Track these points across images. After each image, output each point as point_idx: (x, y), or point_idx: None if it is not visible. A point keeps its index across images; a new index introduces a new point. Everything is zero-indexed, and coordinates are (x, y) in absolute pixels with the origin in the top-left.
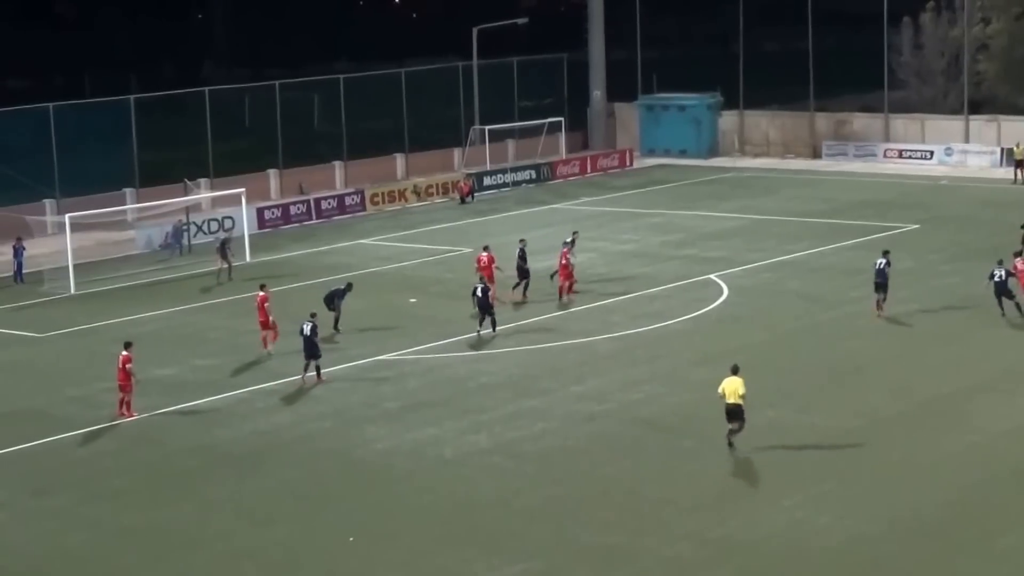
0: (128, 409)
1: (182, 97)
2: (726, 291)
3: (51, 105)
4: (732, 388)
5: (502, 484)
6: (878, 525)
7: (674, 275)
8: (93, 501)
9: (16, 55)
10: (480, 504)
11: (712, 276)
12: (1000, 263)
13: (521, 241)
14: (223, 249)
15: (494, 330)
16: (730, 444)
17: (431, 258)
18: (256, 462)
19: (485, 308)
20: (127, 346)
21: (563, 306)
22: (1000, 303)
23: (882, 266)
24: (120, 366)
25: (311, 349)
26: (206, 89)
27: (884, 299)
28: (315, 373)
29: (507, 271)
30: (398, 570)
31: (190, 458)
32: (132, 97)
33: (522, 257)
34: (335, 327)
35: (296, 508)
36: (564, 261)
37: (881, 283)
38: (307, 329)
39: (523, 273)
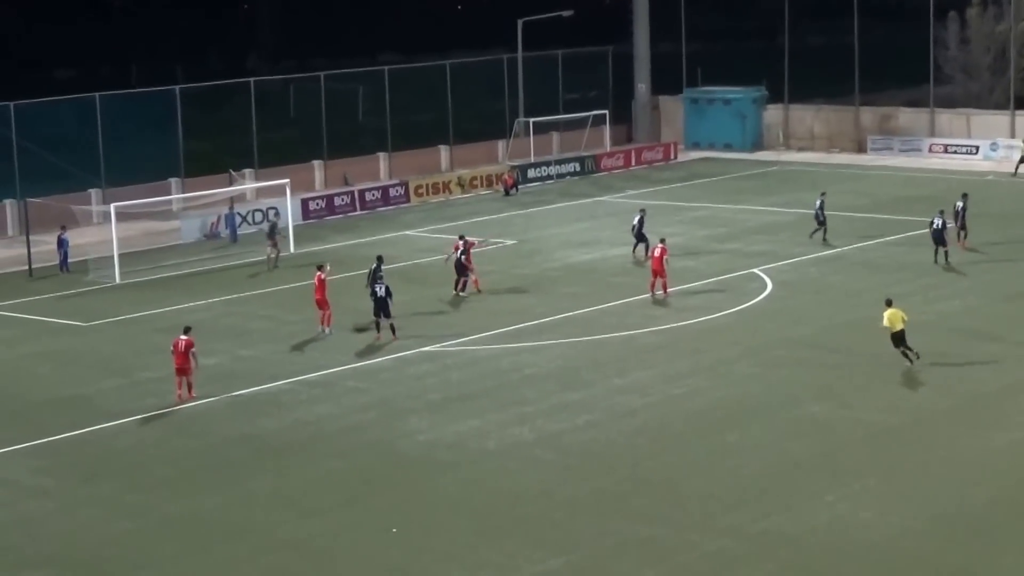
0: (191, 391)
1: (228, 88)
2: (770, 285)
3: (98, 95)
4: (898, 317)
5: (545, 476)
6: (921, 521)
7: (718, 269)
8: (138, 490)
9: (63, 45)
10: (523, 496)
11: (756, 270)
12: (941, 212)
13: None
14: (272, 235)
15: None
16: (913, 358)
17: (475, 250)
18: (300, 452)
19: (460, 271)
20: (187, 330)
21: (658, 301)
22: (936, 250)
23: (938, 226)
24: (182, 350)
25: (384, 308)
26: (251, 80)
27: (965, 236)
28: (390, 331)
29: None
30: (440, 561)
31: (234, 448)
32: (178, 87)
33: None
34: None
35: (339, 499)
36: (658, 254)
37: (938, 240)
38: (381, 291)
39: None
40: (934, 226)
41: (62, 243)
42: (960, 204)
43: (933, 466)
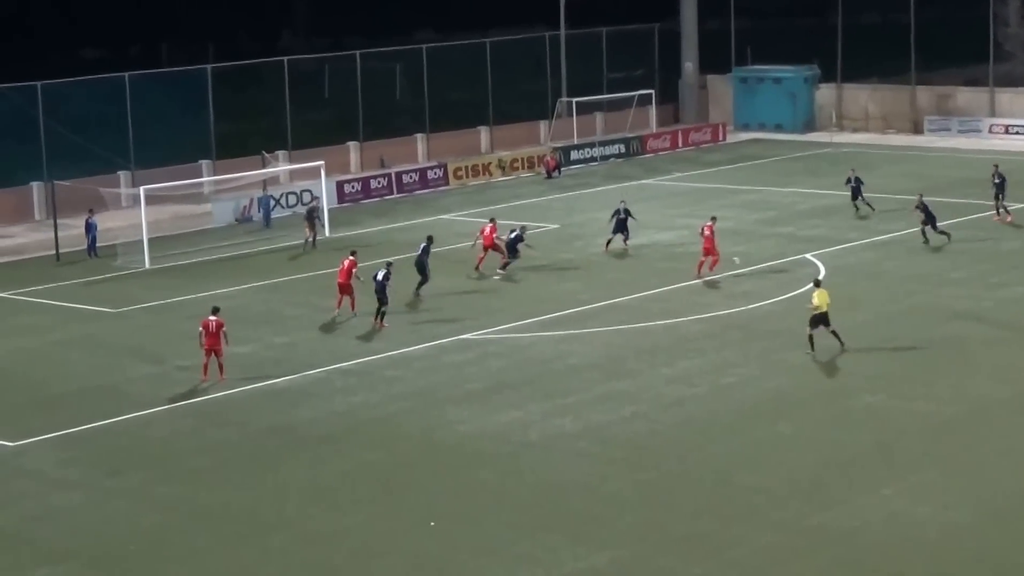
0: (222, 372)
1: (260, 67)
2: (823, 271)
3: (127, 75)
4: (825, 299)
5: (589, 469)
6: (980, 516)
7: (768, 254)
8: (168, 481)
9: (92, 24)
10: (566, 489)
11: (808, 255)
12: (853, 170)
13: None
14: (311, 217)
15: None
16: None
17: (516, 235)
18: (335, 443)
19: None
20: (215, 311)
21: (710, 284)
22: (855, 205)
23: (998, 181)
24: (214, 331)
25: (379, 295)
26: (285, 59)
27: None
28: (379, 319)
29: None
30: (480, 556)
31: (267, 438)
32: (209, 67)
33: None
34: (417, 291)
35: (376, 491)
36: (708, 233)
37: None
38: (379, 275)
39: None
40: (850, 183)
41: (90, 227)
42: (997, 178)
43: (992, 458)
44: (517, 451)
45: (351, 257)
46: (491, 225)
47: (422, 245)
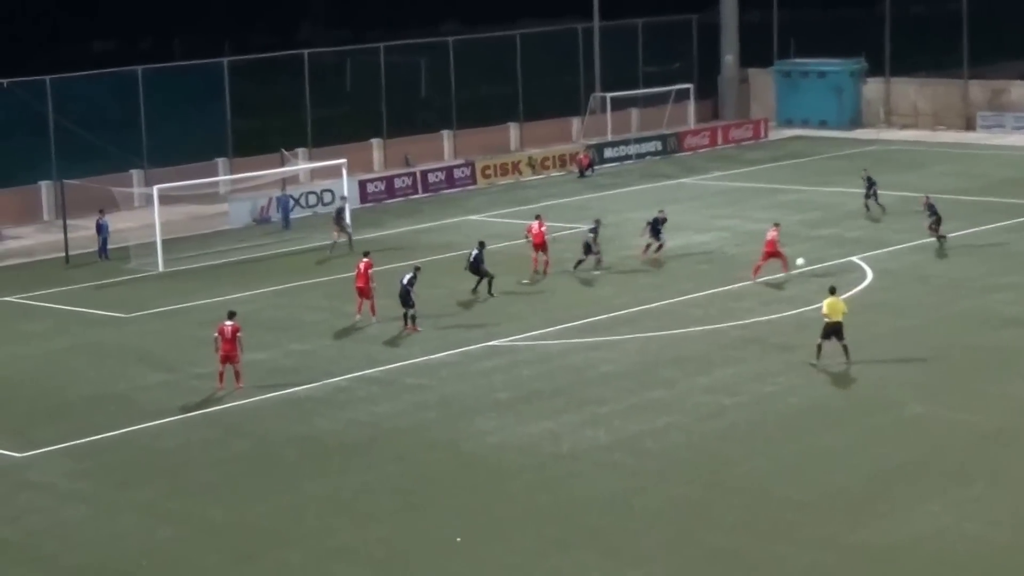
0: (239, 380)
1: (278, 60)
2: (870, 275)
3: (139, 68)
4: (838, 308)
5: (622, 483)
6: None
7: (812, 257)
8: (181, 495)
9: (103, 16)
10: (598, 504)
11: (854, 258)
12: (865, 170)
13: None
14: (339, 219)
15: (490, 292)
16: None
17: (547, 236)
18: (356, 454)
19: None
20: (231, 315)
21: (751, 289)
22: (866, 205)
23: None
24: (229, 336)
25: (404, 298)
26: (304, 52)
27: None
28: (407, 322)
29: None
30: (508, 573)
31: (285, 449)
32: (225, 60)
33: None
34: (489, 291)
35: (399, 504)
36: (772, 237)
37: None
38: (405, 279)
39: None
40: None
41: (101, 228)
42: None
43: None
44: (547, 463)
45: (366, 259)
46: (539, 222)
47: (474, 252)
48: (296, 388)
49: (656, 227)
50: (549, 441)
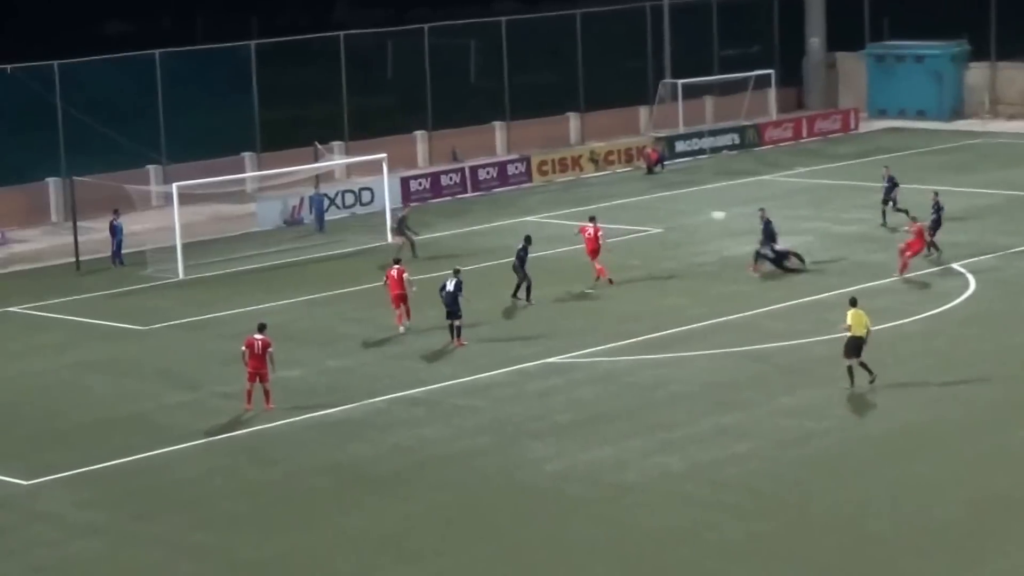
0: (268, 400)
1: (312, 44)
2: (973, 283)
3: (157, 52)
4: (861, 321)
5: (696, 516)
6: None
7: (910, 263)
8: (204, 528)
9: None
10: (669, 539)
11: (955, 265)
12: (887, 168)
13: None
14: (401, 227)
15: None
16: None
17: (611, 240)
18: (399, 484)
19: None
20: (262, 328)
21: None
22: (884, 211)
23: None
24: (259, 350)
25: (452, 307)
26: (341, 34)
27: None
28: (455, 335)
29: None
30: None
31: (320, 478)
32: (252, 43)
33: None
34: (528, 298)
35: (448, 541)
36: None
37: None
38: (450, 285)
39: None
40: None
41: (115, 230)
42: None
43: None
44: (612, 494)
45: (397, 266)
46: (594, 226)
47: (521, 246)
48: (331, 410)
49: (769, 230)
50: (614, 469)
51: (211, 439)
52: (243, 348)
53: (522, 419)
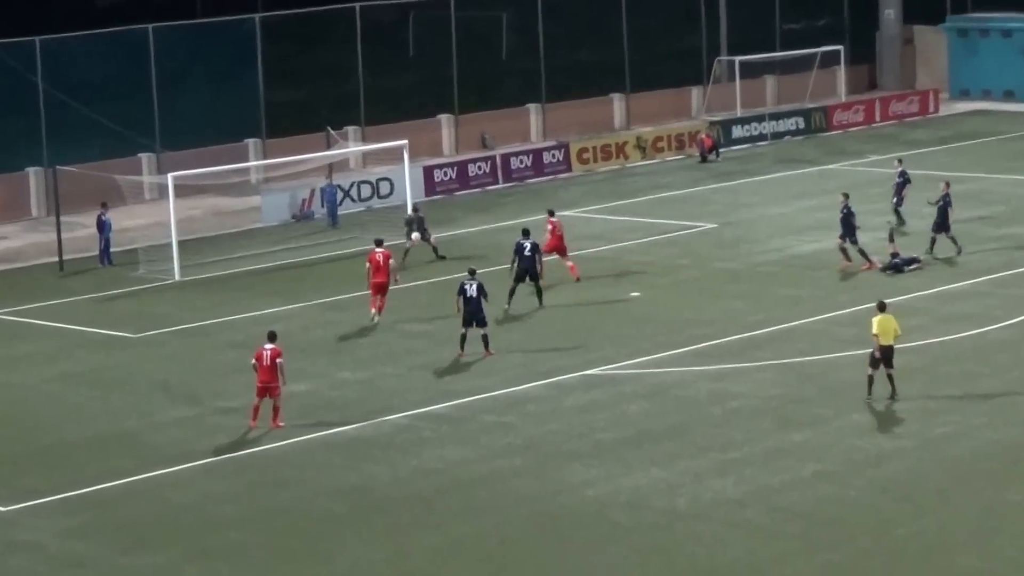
0: (277, 417)
1: (324, 17)
2: None
3: (151, 27)
4: (890, 327)
5: (757, 547)
6: None
7: (994, 263)
8: (204, 559)
9: None
10: (726, 572)
11: None
12: (900, 161)
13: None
14: (420, 227)
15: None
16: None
17: (660, 236)
18: (422, 510)
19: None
20: (272, 337)
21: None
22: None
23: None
24: (268, 362)
25: (478, 315)
26: (356, 5)
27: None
28: (484, 346)
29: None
30: None
31: (333, 503)
32: (257, 16)
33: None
34: (509, 301)
35: (477, 572)
36: None
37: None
38: (472, 289)
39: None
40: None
41: (103, 226)
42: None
43: None
44: (662, 522)
45: (381, 249)
46: (556, 221)
47: (528, 243)
48: (346, 427)
49: (849, 222)
50: (663, 494)
51: (211, 460)
52: (252, 361)
53: (560, 438)
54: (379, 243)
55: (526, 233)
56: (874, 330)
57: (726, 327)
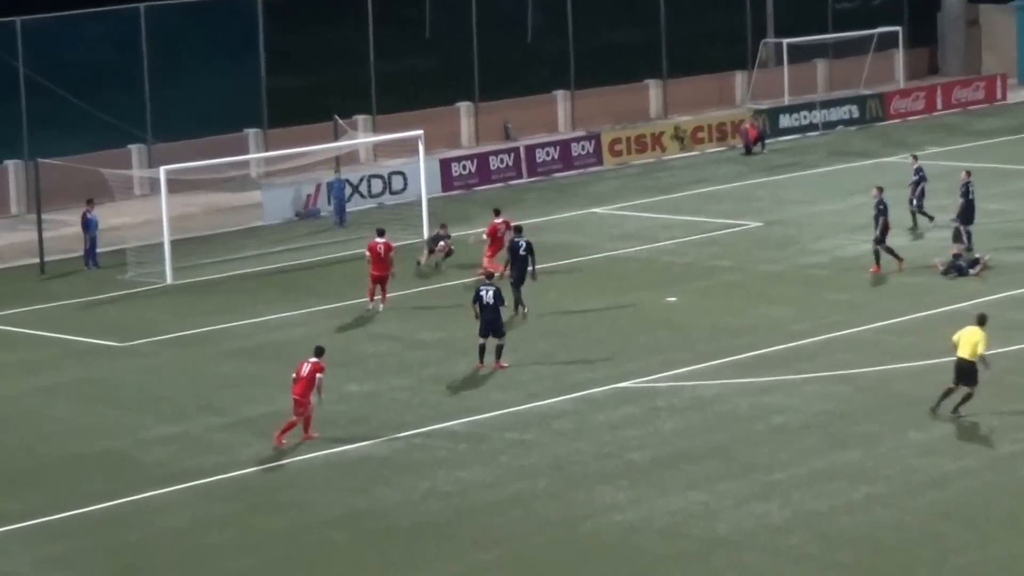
0: (307, 429)
1: None
2: None
3: (142, 6)
4: (970, 340)
5: None
6: None
7: None
8: None
9: None
10: None
11: None
12: (916, 158)
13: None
14: (442, 241)
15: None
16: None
17: (699, 236)
18: (436, 537)
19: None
20: (319, 352)
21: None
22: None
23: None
24: (307, 375)
25: (495, 324)
26: None
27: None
28: (497, 356)
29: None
30: None
31: (338, 530)
32: None
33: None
34: (516, 308)
35: None
36: None
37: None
38: (488, 296)
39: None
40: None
41: (89, 224)
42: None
43: None
44: (700, 550)
45: (382, 239)
46: (503, 221)
47: (523, 241)
48: (352, 445)
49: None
50: (701, 520)
51: (204, 481)
52: (293, 375)
53: (588, 458)
54: (381, 232)
55: (519, 231)
56: (953, 338)
57: (771, 335)
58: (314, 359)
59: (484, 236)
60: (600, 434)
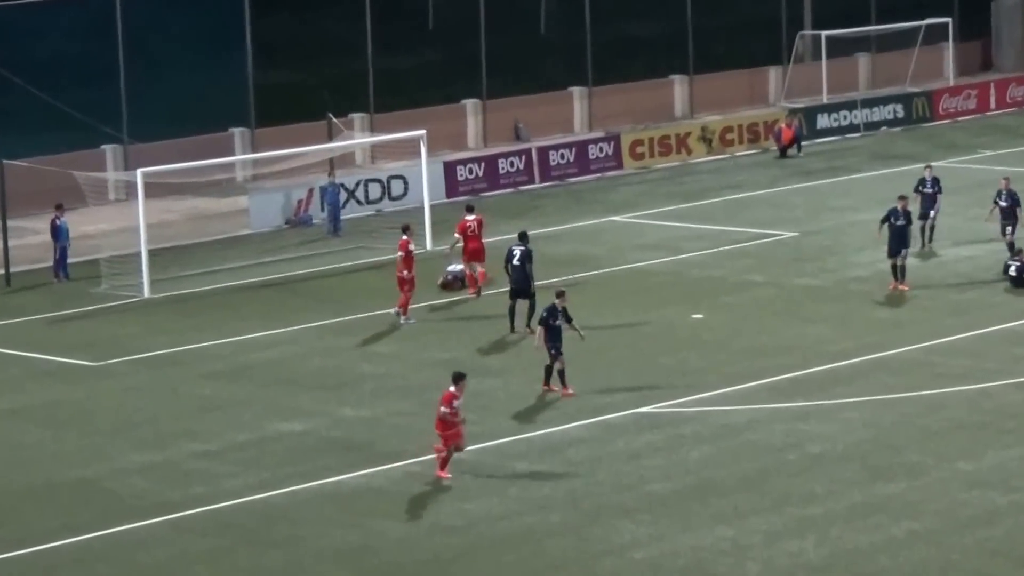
0: (444, 468)
1: None
2: None
3: None
4: None
5: None
6: None
7: None
8: None
9: None
10: None
11: None
12: (929, 167)
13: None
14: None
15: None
16: None
17: (729, 247)
18: (438, 575)
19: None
20: (456, 379)
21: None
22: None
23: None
24: (442, 406)
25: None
26: None
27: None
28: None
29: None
30: None
31: (331, 567)
32: None
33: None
34: (528, 322)
35: None
36: None
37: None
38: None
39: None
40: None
41: (59, 232)
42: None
43: None
44: None
45: (404, 236)
46: (476, 218)
47: (518, 250)
48: (348, 475)
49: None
50: (729, 557)
51: (185, 514)
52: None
53: (606, 489)
54: (405, 229)
55: (523, 237)
56: None
57: (807, 357)
58: (452, 388)
59: (456, 235)
60: (619, 464)
